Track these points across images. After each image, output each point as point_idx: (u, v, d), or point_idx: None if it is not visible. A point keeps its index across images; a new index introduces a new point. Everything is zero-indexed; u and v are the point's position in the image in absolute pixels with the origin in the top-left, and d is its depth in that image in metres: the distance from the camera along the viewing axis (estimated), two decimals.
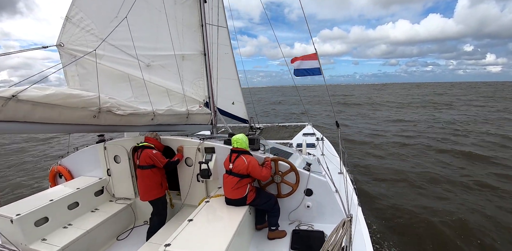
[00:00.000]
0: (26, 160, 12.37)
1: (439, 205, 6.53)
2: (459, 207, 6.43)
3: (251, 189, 3.27)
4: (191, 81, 5.32)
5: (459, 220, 5.79)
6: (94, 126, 3.12)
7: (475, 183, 7.80)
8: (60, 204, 3.50)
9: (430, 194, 7.18)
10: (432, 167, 9.23)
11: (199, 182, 3.87)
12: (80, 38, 3.31)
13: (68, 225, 3.46)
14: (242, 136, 3.41)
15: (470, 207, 6.38)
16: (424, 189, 7.50)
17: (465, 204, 6.56)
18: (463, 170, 8.90)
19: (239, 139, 3.35)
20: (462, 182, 7.87)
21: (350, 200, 3.52)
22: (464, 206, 6.45)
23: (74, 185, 4.00)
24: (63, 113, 2.67)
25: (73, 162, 4.61)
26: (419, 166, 9.45)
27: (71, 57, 3.23)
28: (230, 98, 8.60)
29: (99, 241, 3.50)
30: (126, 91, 4.03)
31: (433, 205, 6.53)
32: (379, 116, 24.50)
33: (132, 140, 4.10)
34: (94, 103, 2.92)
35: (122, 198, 4.25)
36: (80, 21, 3.28)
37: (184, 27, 4.94)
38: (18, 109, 2.30)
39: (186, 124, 4.78)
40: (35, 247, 2.95)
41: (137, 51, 3.93)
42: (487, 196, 6.99)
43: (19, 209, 3.13)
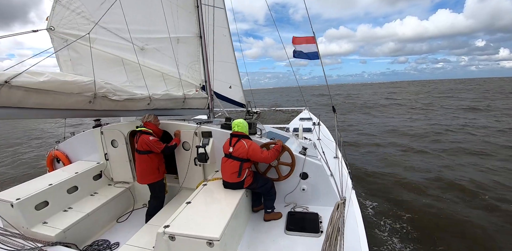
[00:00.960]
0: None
1: (435, 191, 6.68)
2: (454, 185, 6.62)
3: (249, 173, 3.32)
4: (187, 65, 5.24)
5: (451, 202, 5.97)
6: (90, 111, 3.11)
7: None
8: (59, 188, 3.55)
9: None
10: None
11: (196, 166, 3.93)
12: (71, 21, 3.20)
13: (68, 208, 3.52)
14: (243, 121, 3.44)
15: (468, 181, 6.56)
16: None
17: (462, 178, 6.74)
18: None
19: (240, 123, 3.37)
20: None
21: (345, 183, 3.59)
22: (462, 178, 6.64)
23: (72, 169, 4.04)
24: (58, 99, 2.64)
25: (70, 146, 4.63)
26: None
27: (62, 41, 3.14)
28: (227, 82, 8.51)
29: (99, 224, 3.58)
30: (120, 76, 3.97)
31: (429, 191, 6.69)
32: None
33: (129, 124, 4.10)
34: (90, 88, 2.88)
35: (121, 182, 4.31)
36: (70, 3, 3.16)
37: (179, 8, 4.80)
38: (12, 95, 2.27)
39: (182, 108, 4.77)
40: (37, 230, 3.02)
41: (131, 34, 3.83)
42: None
43: (19, 194, 3.17)
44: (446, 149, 10.09)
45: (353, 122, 18.37)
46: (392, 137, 12.58)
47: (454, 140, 11.54)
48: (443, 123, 16.09)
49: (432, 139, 11.95)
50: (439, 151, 9.88)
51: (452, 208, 5.72)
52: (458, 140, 11.45)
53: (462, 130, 13.63)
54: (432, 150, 9.97)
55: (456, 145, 10.56)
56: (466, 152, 9.72)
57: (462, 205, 5.85)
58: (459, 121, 16.78)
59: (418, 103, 29.95)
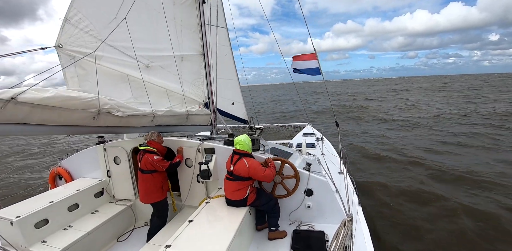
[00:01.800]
0: (27, 162, 12.36)
1: (444, 203, 6.49)
2: (465, 203, 6.41)
3: (252, 190, 3.26)
4: (191, 82, 5.32)
5: (463, 217, 5.77)
6: (94, 127, 3.12)
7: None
8: (60, 206, 3.49)
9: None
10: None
11: (199, 183, 3.87)
12: (79, 39, 3.31)
13: (68, 227, 3.45)
14: (245, 138, 3.35)
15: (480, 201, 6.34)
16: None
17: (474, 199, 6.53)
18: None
19: (242, 141, 3.30)
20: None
21: (351, 199, 3.51)
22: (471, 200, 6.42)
23: (74, 186, 4.00)
24: (62, 115, 2.66)
25: (73, 163, 4.61)
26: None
27: (69, 58, 3.23)
28: (229, 98, 8.59)
29: (99, 243, 3.49)
30: (125, 92, 4.03)
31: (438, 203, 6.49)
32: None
33: (132, 141, 4.10)
34: (94, 104, 2.91)
35: (122, 200, 4.24)
36: (79, 22, 3.28)
37: (183, 28, 4.94)
38: (17, 111, 2.29)
39: (185, 125, 4.78)
40: (35, 249, 2.95)
41: (136, 52, 3.92)
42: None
43: (19, 211, 3.12)
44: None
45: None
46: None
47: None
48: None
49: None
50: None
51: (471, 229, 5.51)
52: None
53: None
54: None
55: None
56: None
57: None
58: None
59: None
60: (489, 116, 18.20)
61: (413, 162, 9.34)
